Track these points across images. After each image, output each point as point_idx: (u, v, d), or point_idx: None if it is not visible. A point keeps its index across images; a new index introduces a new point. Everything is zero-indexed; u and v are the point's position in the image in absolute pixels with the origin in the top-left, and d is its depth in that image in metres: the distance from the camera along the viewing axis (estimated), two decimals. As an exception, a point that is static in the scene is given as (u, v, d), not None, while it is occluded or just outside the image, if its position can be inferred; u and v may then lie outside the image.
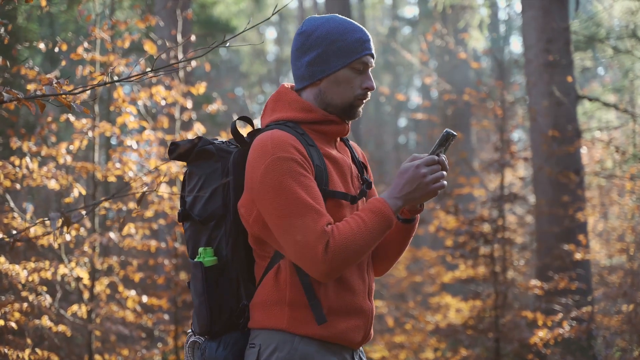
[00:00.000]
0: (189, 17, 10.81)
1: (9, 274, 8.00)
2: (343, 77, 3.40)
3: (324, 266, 3.09)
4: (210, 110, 9.94)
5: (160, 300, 9.22)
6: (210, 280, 3.33)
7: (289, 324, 3.26)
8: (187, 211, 3.44)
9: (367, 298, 3.42)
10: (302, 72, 3.45)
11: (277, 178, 3.16)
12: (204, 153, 3.40)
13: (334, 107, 3.44)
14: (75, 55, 8.41)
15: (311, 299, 3.24)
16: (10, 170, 7.90)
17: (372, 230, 3.17)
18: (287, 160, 3.18)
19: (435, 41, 16.11)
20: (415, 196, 3.27)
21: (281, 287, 3.28)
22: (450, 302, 12.26)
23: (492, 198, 10.06)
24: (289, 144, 3.22)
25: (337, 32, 3.41)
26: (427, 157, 3.28)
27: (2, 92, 3.27)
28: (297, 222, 3.12)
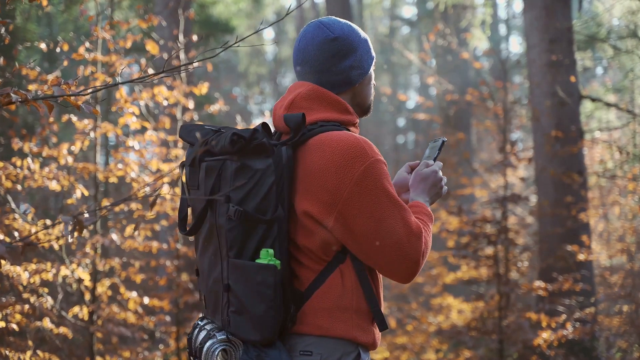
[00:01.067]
0: (191, 17, 10.76)
1: (10, 275, 7.97)
2: (371, 76, 3.51)
3: (416, 267, 3.16)
4: (212, 111, 9.90)
5: (162, 301, 9.19)
6: (278, 284, 3.11)
7: (356, 333, 3.19)
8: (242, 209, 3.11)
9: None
10: (342, 77, 3.39)
11: (378, 180, 3.13)
12: (262, 147, 3.14)
13: (361, 107, 3.49)
14: (77, 56, 8.37)
15: (375, 306, 3.22)
16: (11, 171, 7.86)
17: (429, 229, 3.29)
18: (382, 163, 3.17)
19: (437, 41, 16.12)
20: (436, 199, 3.51)
21: (348, 294, 3.20)
22: (453, 303, 12.23)
23: (495, 199, 10.02)
24: (375, 147, 3.21)
25: (359, 32, 3.45)
26: (439, 163, 3.54)
27: (9, 92, 3.22)
28: (399, 226, 3.11)
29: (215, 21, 18.14)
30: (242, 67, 33.67)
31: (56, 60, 10.73)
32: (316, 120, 3.31)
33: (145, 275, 9.56)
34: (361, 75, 3.41)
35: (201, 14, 17.69)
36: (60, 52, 9.36)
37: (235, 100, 28.34)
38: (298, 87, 3.43)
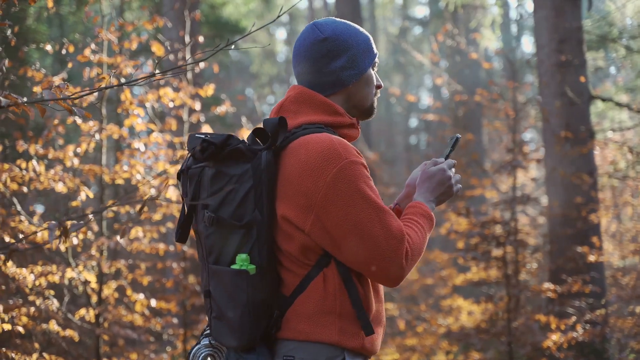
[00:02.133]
0: (197, 18, 10.73)
1: (16, 277, 7.96)
2: (369, 77, 3.40)
3: (400, 271, 3.07)
4: (219, 112, 9.87)
5: (169, 303, 9.16)
6: (253, 289, 3.11)
7: (340, 337, 3.13)
8: (216, 215, 3.14)
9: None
10: (332, 78, 3.34)
11: (352, 182, 3.05)
12: (237, 153, 3.14)
13: (359, 109, 3.41)
14: (82, 57, 8.36)
15: (359, 310, 3.12)
16: (17, 174, 7.85)
17: (425, 232, 3.22)
18: (357, 164, 3.08)
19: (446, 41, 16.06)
20: (444, 198, 3.41)
21: (330, 298, 3.14)
22: (462, 304, 12.16)
23: (504, 200, 9.97)
24: (353, 148, 3.12)
25: (356, 33, 3.38)
26: (450, 161, 3.43)
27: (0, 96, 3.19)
28: (376, 228, 3.03)
29: (224, 22, 18.13)
30: (254, 68, 33.65)
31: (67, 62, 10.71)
32: (301, 123, 3.27)
33: (152, 277, 9.53)
34: (354, 76, 3.34)
35: (211, 15, 17.69)
36: (67, 54, 9.35)
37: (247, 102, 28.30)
38: (290, 90, 3.41)
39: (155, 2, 16.56)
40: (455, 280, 11.94)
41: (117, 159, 8.90)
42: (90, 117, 3.40)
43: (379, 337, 3.27)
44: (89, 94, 3.27)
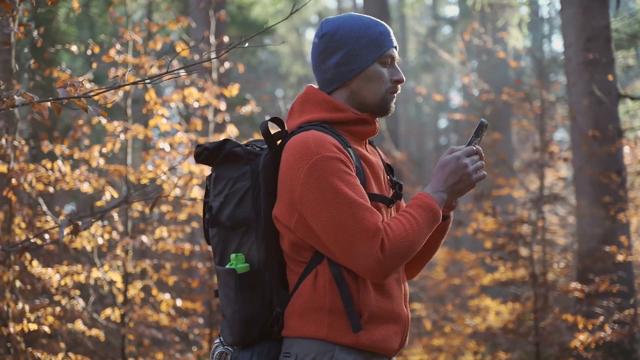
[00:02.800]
0: (222, 18, 10.73)
1: (42, 277, 8.00)
2: (373, 73, 3.32)
3: (379, 266, 3.01)
4: (244, 112, 9.88)
5: (195, 303, 9.17)
6: (243, 287, 3.22)
7: (329, 333, 3.14)
8: (215, 217, 3.32)
9: (404, 304, 3.32)
10: (329, 75, 3.36)
11: (323, 177, 3.06)
12: (232, 156, 3.27)
13: (367, 106, 3.35)
14: (107, 58, 8.40)
15: (348, 306, 3.12)
16: (43, 174, 7.88)
17: (422, 226, 3.11)
18: (331, 159, 3.08)
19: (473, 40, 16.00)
20: (460, 187, 3.24)
21: (319, 294, 3.16)
22: (490, 304, 12.11)
23: (531, 199, 9.91)
24: (330, 143, 3.13)
25: (360, 28, 3.33)
26: (467, 148, 3.24)
27: (14, 95, 3.19)
28: (349, 222, 3.02)
29: (252, 22, 18.15)
30: (284, 69, 33.67)
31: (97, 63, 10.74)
32: (302, 122, 3.31)
33: (177, 277, 9.54)
34: (352, 72, 3.31)
35: (238, 16, 17.71)
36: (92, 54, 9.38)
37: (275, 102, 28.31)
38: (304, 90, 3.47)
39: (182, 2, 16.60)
40: (483, 280, 11.89)
41: (143, 159, 8.92)
42: (106, 115, 3.41)
43: (390, 333, 3.23)
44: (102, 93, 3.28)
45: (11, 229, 7.81)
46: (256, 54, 23.45)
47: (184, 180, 8.81)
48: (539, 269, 9.81)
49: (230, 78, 13.63)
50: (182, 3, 16.92)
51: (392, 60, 3.37)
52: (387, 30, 3.37)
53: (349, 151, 3.19)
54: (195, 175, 8.77)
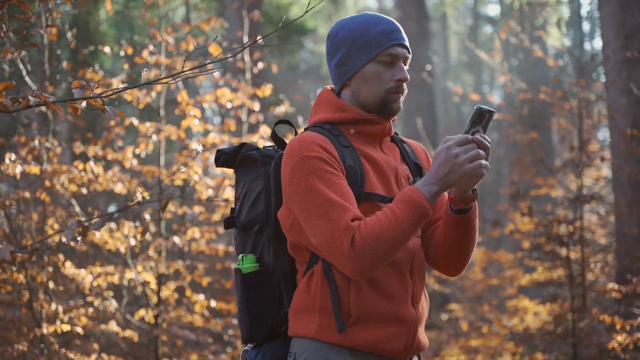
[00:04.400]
0: (256, 18, 10.73)
1: (75, 278, 8.03)
2: (370, 73, 3.27)
3: (351, 263, 2.97)
4: (278, 113, 9.86)
5: (229, 304, 9.16)
6: (249, 287, 3.29)
7: (317, 332, 3.15)
8: (232, 218, 3.42)
9: (409, 304, 3.23)
10: (333, 75, 3.40)
11: (303, 177, 3.08)
12: (248, 159, 3.38)
13: (368, 106, 3.30)
14: (139, 59, 8.42)
15: (335, 306, 3.12)
16: (75, 175, 7.91)
17: (402, 221, 2.99)
18: (312, 159, 3.09)
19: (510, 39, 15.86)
20: (452, 179, 3.01)
21: (312, 294, 3.18)
22: (528, 305, 12.00)
23: (568, 199, 9.80)
24: (314, 143, 3.13)
25: (359, 28, 3.30)
26: (460, 137, 3.03)
27: (29, 96, 3.18)
28: (322, 220, 3.01)
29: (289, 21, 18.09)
30: (325, 70, 33.66)
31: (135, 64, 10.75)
32: (311, 124, 3.38)
33: (211, 278, 9.54)
34: (348, 73, 3.30)
35: (276, 16, 17.70)
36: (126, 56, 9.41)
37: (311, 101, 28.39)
38: None
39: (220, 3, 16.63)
40: (521, 280, 11.79)
41: (176, 160, 8.93)
42: (123, 115, 3.40)
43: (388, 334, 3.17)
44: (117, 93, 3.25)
45: (44, 230, 7.85)
46: (295, 54, 23.45)
47: (217, 181, 8.81)
48: (576, 270, 9.70)
49: (267, 79, 13.59)
50: (219, 4, 16.94)
51: (394, 59, 3.28)
52: (389, 29, 3.29)
53: (342, 151, 3.18)
54: (228, 176, 8.77)
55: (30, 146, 7.71)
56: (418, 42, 17.88)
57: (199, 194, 8.72)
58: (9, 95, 3.25)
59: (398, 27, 3.33)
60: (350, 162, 3.18)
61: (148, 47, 8.52)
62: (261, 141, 9.07)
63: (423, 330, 3.34)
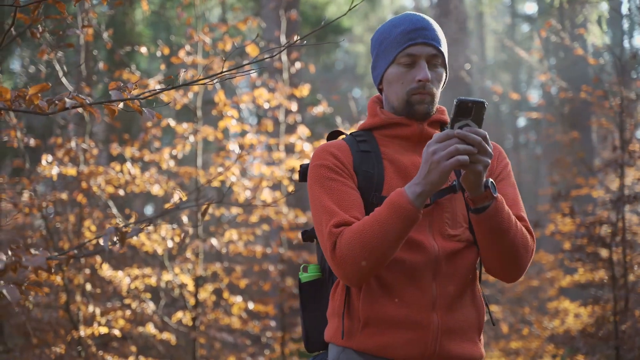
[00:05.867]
0: (293, 18, 10.65)
1: (113, 280, 8.00)
2: (392, 76, 3.18)
3: (336, 269, 2.96)
4: (315, 113, 9.79)
5: (267, 306, 9.10)
6: (306, 296, 3.36)
7: (334, 335, 3.17)
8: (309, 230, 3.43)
9: (429, 310, 3.06)
10: (372, 79, 3.36)
11: (310, 185, 3.14)
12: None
13: (396, 109, 3.22)
14: (175, 59, 8.38)
15: (344, 310, 3.13)
16: (112, 177, 7.88)
17: (384, 223, 2.88)
18: (318, 167, 3.13)
19: (550, 38, 15.70)
20: (433, 177, 2.83)
21: (335, 300, 3.20)
22: (569, 307, 11.86)
23: (610, 199, 9.66)
24: (326, 152, 3.16)
25: (385, 31, 3.24)
26: (438, 134, 2.84)
27: (65, 97, 3.11)
28: (317, 226, 3.06)
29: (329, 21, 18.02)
30: (360, 69, 33.59)
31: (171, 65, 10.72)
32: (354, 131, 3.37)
33: (249, 280, 9.48)
34: (377, 77, 3.26)
35: (313, 15, 17.63)
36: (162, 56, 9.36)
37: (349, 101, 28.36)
38: None
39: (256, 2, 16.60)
40: (562, 282, 11.65)
41: (213, 160, 8.88)
42: (161, 117, 3.32)
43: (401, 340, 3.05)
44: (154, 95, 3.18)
45: (81, 232, 7.83)
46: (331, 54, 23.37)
47: (254, 182, 8.74)
48: (619, 271, 9.56)
49: (304, 78, 13.53)
50: (256, 3, 16.91)
51: (415, 58, 3.15)
52: (409, 28, 3.17)
53: (359, 156, 3.17)
54: (266, 177, 8.71)
55: (67, 147, 7.70)
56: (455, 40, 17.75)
57: (236, 196, 8.66)
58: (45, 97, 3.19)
59: (422, 25, 3.18)
60: (366, 167, 3.14)
61: (185, 48, 8.48)
62: (299, 142, 9.00)
63: (465, 339, 3.16)
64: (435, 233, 3.11)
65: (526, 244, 3.13)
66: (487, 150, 2.86)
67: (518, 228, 3.10)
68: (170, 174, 9.25)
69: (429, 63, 3.17)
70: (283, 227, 9.26)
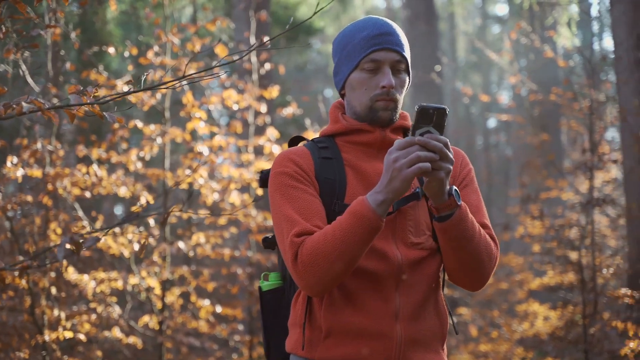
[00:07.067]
0: (263, 18, 10.59)
1: (78, 284, 7.92)
2: (355, 81, 3.13)
3: (298, 279, 2.91)
4: (285, 114, 9.73)
5: (235, 310, 9.05)
6: (266, 304, 3.30)
7: (294, 346, 3.12)
8: (269, 237, 3.38)
9: (392, 320, 3.02)
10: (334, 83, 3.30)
11: (271, 194, 3.09)
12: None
13: (359, 115, 3.17)
14: (144, 60, 8.30)
15: (304, 321, 3.07)
16: (79, 178, 7.79)
17: (346, 232, 2.82)
18: (279, 175, 3.08)
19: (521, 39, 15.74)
20: (395, 185, 2.78)
21: (297, 309, 3.14)
22: (538, 309, 11.87)
23: (579, 202, 9.66)
24: (287, 159, 3.11)
25: (348, 35, 3.19)
26: (399, 140, 2.80)
27: (22, 102, 3.03)
28: (279, 236, 3.01)
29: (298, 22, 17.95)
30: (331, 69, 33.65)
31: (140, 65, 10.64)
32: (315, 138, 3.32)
33: (217, 283, 9.41)
34: (339, 82, 3.21)
35: (284, 16, 17.57)
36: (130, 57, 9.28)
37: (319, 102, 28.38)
38: None
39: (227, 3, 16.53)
40: (531, 284, 11.66)
41: (182, 162, 8.81)
42: (122, 122, 3.24)
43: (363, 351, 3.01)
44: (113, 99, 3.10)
45: (47, 235, 7.74)
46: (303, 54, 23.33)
47: (223, 184, 8.68)
48: (588, 274, 9.56)
49: (275, 79, 13.44)
50: (226, 4, 16.84)
51: (378, 64, 3.11)
52: (373, 33, 3.13)
53: (320, 163, 3.12)
54: (234, 179, 8.64)
55: (33, 149, 7.60)
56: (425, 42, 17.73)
57: (204, 198, 8.60)
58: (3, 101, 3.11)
59: (386, 30, 3.14)
60: (328, 174, 3.09)
61: (153, 48, 8.41)
62: (268, 144, 8.95)
63: (429, 349, 3.13)
64: (398, 241, 3.07)
65: (490, 252, 3.09)
66: (449, 157, 2.80)
67: (482, 236, 3.06)
68: (138, 176, 9.16)
69: (393, 69, 3.13)
70: (251, 230, 9.20)
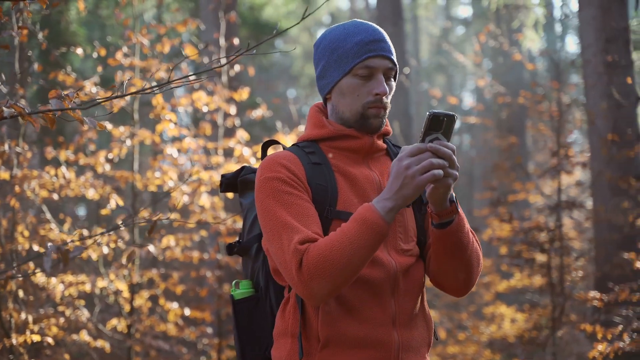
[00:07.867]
0: (232, 20, 10.53)
1: (46, 287, 7.84)
2: (346, 87, 3.09)
3: (301, 287, 2.82)
4: (255, 116, 9.69)
5: (204, 312, 9.00)
6: (239, 313, 3.23)
7: (287, 357, 3.03)
8: (233, 243, 3.37)
9: (390, 327, 3.01)
10: (317, 87, 3.24)
11: (262, 199, 2.98)
12: (246, 182, 3.36)
13: (347, 121, 3.13)
14: (112, 61, 8.23)
15: (301, 330, 3.00)
16: (47, 181, 7.71)
17: (353, 239, 2.79)
18: (271, 180, 2.99)
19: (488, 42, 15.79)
20: (406, 192, 2.77)
21: (286, 318, 3.07)
22: (506, 312, 11.92)
23: (548, 205, 9.69)
24: (277, 164, 3.02)
25: (338, 39, 3.13)
26: (411, 147, 2.78)
27: (2, 107, 2.98)
28: (276, 243, 2.90)
29: (264, 23, 17.91)
30: (295, 70, 33.54)
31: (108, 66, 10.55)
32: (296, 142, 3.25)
33: (186, 286, 9.36)
34: (327, 86, 3.16)
35: (250, 17, 17.51)
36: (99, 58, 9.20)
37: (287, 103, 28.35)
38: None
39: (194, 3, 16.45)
40: (498, 287, 11.69)
41: (151, 165, 8.74)
42: (104, 127, 3.19)
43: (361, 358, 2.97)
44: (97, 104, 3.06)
45: (14, 237, 7.65)
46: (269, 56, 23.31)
47: (192, 186, 8.63)
48: (556, 277, 9.60)
49: (241, 81, 13.39)
50: (194, 4, 16.77)
51: (372, 71, 3.08)
52: (367, 39, 3.10)
53: (310, 169, 3.06)
54: (204, 182, 8.59)
55: (0, 151, 7.51)
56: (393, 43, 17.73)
57: (173, 201, 8.54)
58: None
59: (380, 37, 3.12)
60: (319, 180, 3.04)
61: (122, 49, 8.33)
62: (238, 146, 8.90)
63: (418, 356, 3.12)
64: (390, 248, 3.05)
65: (479, 259, 3.13)
66: (457, 164, 2.80)
67: (474, 242, 3.08)
68: (106, 178, 9.08)
69: (385, 76, 3.10)
70: (221, 233, 9.15)
